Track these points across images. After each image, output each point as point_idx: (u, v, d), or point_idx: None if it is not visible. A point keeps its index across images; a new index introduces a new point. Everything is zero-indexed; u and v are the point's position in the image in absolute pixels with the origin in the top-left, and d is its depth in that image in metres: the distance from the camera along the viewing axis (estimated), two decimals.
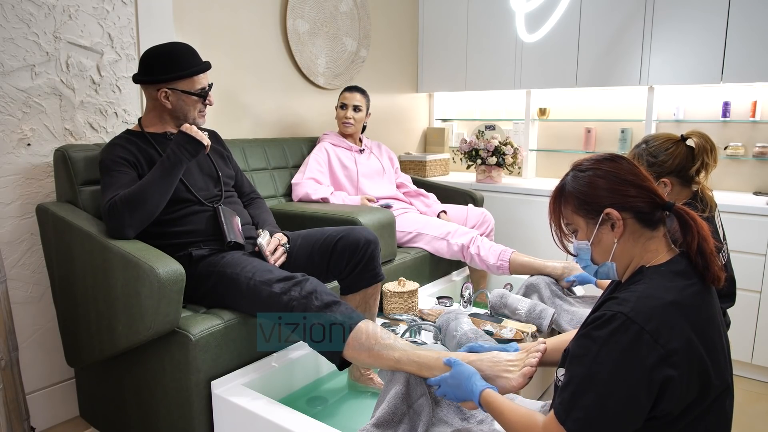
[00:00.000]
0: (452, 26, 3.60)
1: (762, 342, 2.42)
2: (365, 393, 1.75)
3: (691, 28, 2.76)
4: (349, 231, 1.77)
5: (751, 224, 2.41)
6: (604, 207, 1.00)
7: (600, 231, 1.01)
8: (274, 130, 2.87)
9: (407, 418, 1.27)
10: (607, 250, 1.02)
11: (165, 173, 1.62)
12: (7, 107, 1.80)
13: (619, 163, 1.03)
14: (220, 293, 1.62)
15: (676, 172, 1.60)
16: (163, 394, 1.56)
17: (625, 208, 0.99)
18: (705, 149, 1.57)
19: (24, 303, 1.90)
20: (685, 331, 0.90)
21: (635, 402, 0.87)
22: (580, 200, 1.03)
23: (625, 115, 3.22)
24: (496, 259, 2.29)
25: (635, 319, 0.88)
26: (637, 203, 0.99)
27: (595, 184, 1.01)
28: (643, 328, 0.87)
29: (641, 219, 1.00)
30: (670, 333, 0.88)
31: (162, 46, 1.74)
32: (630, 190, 0.99)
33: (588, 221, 1.03)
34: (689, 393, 0.90)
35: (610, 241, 1.01)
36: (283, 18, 2.80)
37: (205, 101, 1.78)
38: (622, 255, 1.02)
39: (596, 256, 1.05)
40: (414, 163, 3.56)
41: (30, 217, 1.89)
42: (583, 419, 0.88)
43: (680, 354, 0.88)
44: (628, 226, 1.00)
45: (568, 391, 0.92)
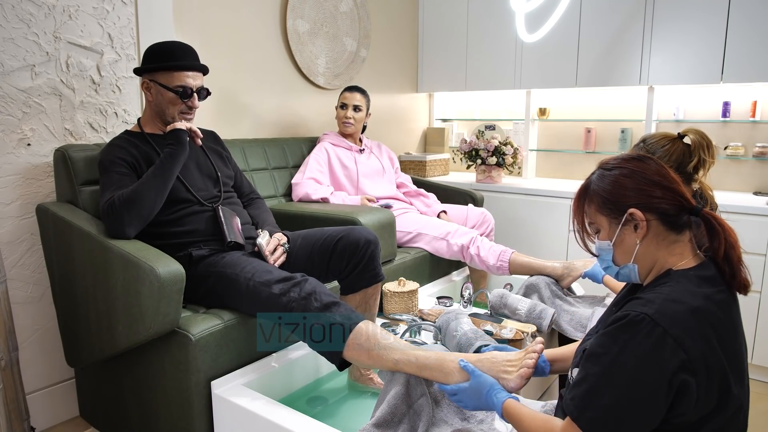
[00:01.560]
0: (452, 26, 3.60)
1: (762, 342, 2.42)
2: (365, 393, 1.75)
3: (691, 28, 2.76)
4: (350, 231, 1.77)
5: (751, 224, 2.41)
6: (628, 207, 0.97)
7: (623, 231, 0.99)
8: (274, 130, 2.87)
9: (407, 419, 1.27)
10: (629, 251, 1.00)
11: (161, 172, 1.62)
12: (7, 107, 1.80)
13: (646, 163, 1.00)
14: (219, 293, 1.62)
15: (674, 169, 1.60)
16: (163, 394, 1.56)
17: (649, 209, 0.97)
18: (702, 145, 1.57)
19: (24, 303, 1.90)
20: (708, 339, 0.88)
21: (652, 406, 0.86)
22: (604, 199, 1.00)
23: (625, 115, 3.22)
24: (495, 259, 2.29)
25: (660, 322, 0.86)
26: (662, 205, 0.96)
27: (620, 183, 0.99)
28: (667, 332, 0.85)
29: (666, 221, 0.97)
30: (693, 339, 0.86)
31: (163, 42, 1.76)
32: (656, 191, 0.97)
33: (611, 221, 1.00)
34: (707, 402, 0.88)
35: (633, 242, 0.98)
36: (283, 18, 2.80)
37: (188, 102, 1.73)
38: (645, 257, 0.99)
39: (618, 257, 1.02)
40: (414, 163, 3.56)
41: (30, 217, 1.89)
42: (599, 419, 0.87)
43: (702, 361, 0.86)
44: (652, 228, 0.97)
45: (582, 389, 0.90)
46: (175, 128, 1.68)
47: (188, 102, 1.73)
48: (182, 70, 1.71)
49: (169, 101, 1.72)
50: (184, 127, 1.69)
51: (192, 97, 1.74)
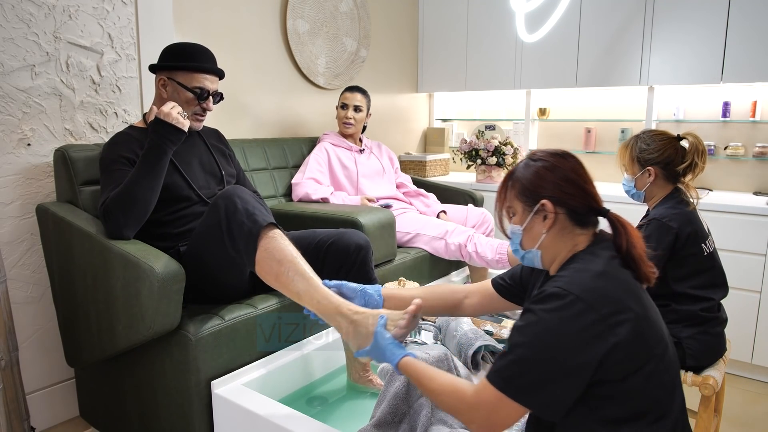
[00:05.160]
0: (452, 26, 3.60)
1: (762, 342, 2.42)
2: (365, 393, 1.75)
3: (691, 28, 2.76)
4: (340, 235, 1.73)
5: (751, 224, 2.41)
6: (542, 197, 1.04)
7: (533, 219, 1.06)
8: (274, 130, 2.87)
9: (407, 418, 1.27)
10: (535, 238, 1.07)
11: (150, 166, 1.59)
12: (7, 107, 1.80)
13: (567, 160, 1.07)
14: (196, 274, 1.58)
15: (663, 164, 1.69)
16: (163, 394, 1.56)
17: (560, 203, 1.04)
18: (697, 150, 1.67)
19: (24, 303, 1.90)
20: (618, 297, 0.94)
21: (573, 368, 0.90)
22: (523, 186, 1.08)
23: (625, 115, 3.23)
24: (493, 253, 2.29)
25: (570, 290, 0.92)
26: (571, 201, 1.04)
27: (540, 174, 1.06)
28: (579, 297, 0.91)
29: (573, 217, 1.04)
30: (603, 300, 0.92)
31: (185, 42, 1.78)
32: (569, 187, 1.04)
33: (525, 207, 1.08)
34: (629, 357, 0.92)
35: (540, 231, 1.06)
36: (283, 18, 2.81)
37: (203, 104, 1.76)
38: (549, 246, 1.06)
39: (525, 242, 1.10)
40: (414, 163, 3.56)
41: (30, 217, 1.89)
42: (524, 386, 0.91)
43: (616, 319, 0.91)
44: (559, 221, 1.04)
45: (507, 359, 0.94)
46: (182, 129, 1.63)
47: (203, 104, 1.76)
48: (202, 72, 1.74)
49: (185, 101, 1.74)
50: (185, 127, 1.64)
51: (207, 100, 1.76)
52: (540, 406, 0.92)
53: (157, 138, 1.60)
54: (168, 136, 1.61)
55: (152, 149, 1.60)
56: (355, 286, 1.37)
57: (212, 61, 1.78)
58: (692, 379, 1.60)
